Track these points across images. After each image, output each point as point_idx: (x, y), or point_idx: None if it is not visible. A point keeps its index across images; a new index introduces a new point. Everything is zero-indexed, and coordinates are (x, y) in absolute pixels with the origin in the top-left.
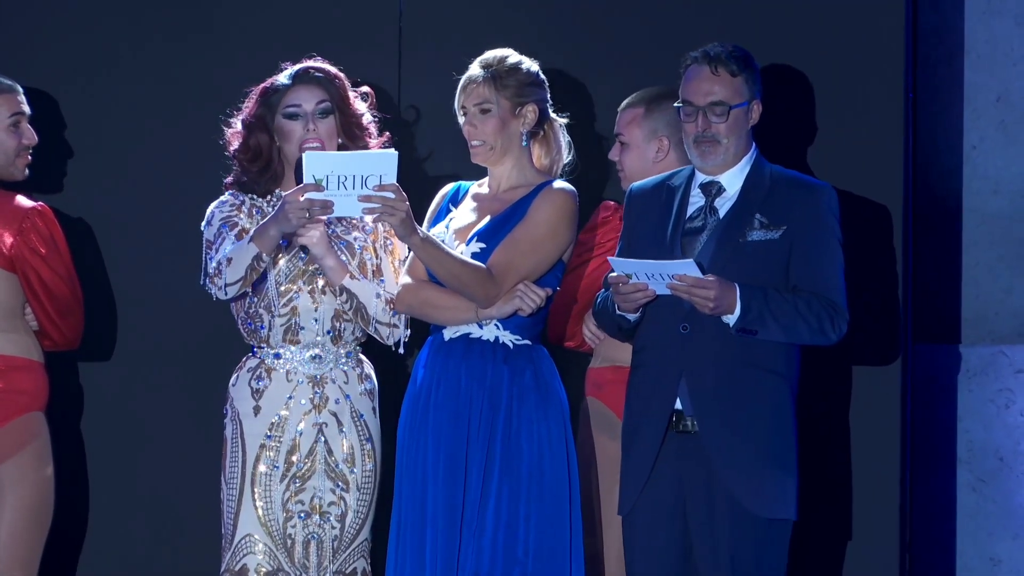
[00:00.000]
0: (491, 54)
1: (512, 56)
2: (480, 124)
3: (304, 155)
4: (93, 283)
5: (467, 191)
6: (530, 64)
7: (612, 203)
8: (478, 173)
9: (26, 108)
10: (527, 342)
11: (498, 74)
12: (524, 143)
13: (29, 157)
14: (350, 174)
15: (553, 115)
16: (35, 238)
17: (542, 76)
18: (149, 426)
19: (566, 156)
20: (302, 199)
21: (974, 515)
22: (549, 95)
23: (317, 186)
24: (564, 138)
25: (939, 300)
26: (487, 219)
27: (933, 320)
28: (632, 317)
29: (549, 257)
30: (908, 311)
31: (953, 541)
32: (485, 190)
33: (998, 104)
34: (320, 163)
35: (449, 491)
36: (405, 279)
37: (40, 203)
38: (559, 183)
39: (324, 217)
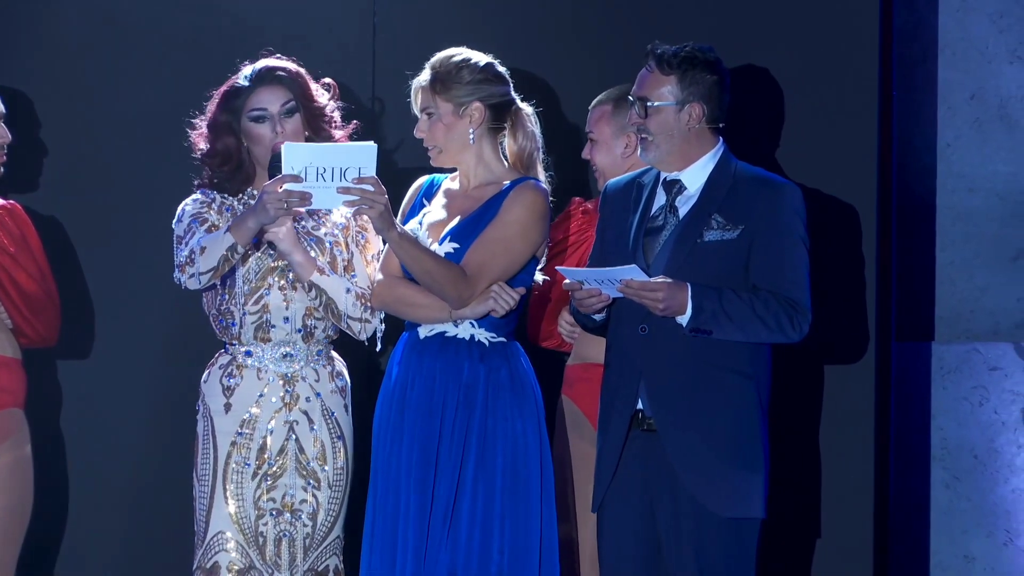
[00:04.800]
0: (438, 55)
1: (457, 55)
2: (426, 128)
3: (283, 146)
4: (70, 282)
5: (440, 185)
6: (477, 60)
7: (579, 199)
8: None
9: (0, 107)
10: (502, 339)
11: (437, 78)
12: (472, 141)
13: (4, 156)
14: (329, 166)
15: (520, 104)
16: (3, 236)
17: (497, 70)
18: (128, 423)
19: (539, 143)
20: (280, 190)
21: (948, 513)
22: (509, 87)
23: (296, 177)
24: (535, 126)
25: (914, 298)
26: (458, 218)
27: (908, 318)
28: (597, 318)
29: (522, 257)
30: (887, 309)
31: (927, 539)
32: (456, 186)
33: (972, 102)
34: (299, 154)
35: (422, 488)
36: (379, 275)
37: (11, 201)
38: (529, 182)
39: (302, 208)
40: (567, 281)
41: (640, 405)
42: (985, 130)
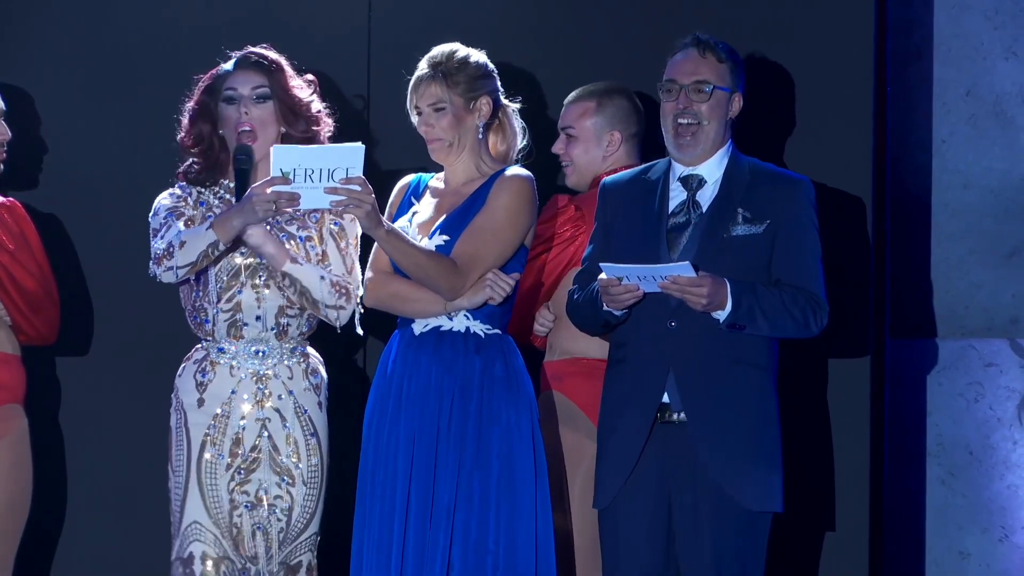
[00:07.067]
0: (438, 50)
1: (460, 50)
2: (436, 123)
3: (272, 148)
4: (69, 279)
5: (427, 184)
6: (478, 56)
7: (566, 196)
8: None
9: (0, 104)
10: (497, 331)
11: (448, 71)
12: (480, 135)
13: (4, 153)
14: (317, 167)
15: (505, 101)
16: (2, 234)
17: (491, 66)
18: (126, 420)
19: (521, 141)
20: (269, 192)
21: (944, 509)
22: (499, 83)
23: (284, 179)
24: (518, 123)
25: (909, 294)
26: (446, 214)
27: (903, 314)
28: (619, 313)
29: (511, 243)
30: (882, 305)
31: (923, 535)
32: (442, 184)
33: (967, 98)
34: (287, 156)
35: (424, 484)
36: (369, 273)
37: (10, 198)
38: (514, 169)
39: (290, 209)
40: (603, 276)
41: (666, 399)
42: (980, 127)
